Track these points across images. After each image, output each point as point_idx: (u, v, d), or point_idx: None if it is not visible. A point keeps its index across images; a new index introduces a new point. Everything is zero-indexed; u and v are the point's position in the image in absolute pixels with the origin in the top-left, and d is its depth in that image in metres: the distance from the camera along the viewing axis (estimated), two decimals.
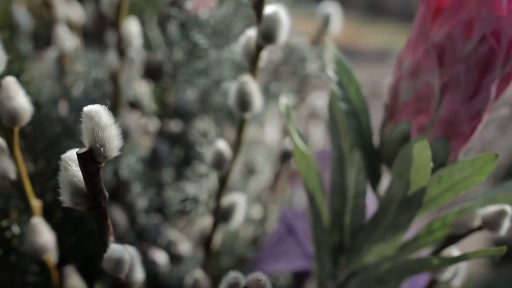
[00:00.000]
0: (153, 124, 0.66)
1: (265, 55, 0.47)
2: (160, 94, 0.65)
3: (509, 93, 0.49)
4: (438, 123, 0.45)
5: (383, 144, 0.48)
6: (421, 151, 0.41)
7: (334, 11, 0.70)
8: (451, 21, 0.44)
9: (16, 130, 0.43)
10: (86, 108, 0.33)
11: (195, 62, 0.59)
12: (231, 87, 0.47)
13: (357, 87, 0.49)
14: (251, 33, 0.47)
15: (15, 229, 0.50)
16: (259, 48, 0.46)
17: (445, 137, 0.45)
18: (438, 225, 0.48)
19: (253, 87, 0.47)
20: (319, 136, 0.86)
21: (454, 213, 0.47)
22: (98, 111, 0.33)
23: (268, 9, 0.44)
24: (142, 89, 0.65)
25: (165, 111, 0.65)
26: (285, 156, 0.74)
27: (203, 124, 0.65)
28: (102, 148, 0.33)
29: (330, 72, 0.48)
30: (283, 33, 0.45)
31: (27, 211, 0.47)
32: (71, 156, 0.34)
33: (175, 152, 0.65)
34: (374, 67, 5.17)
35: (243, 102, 0.47)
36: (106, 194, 0.36)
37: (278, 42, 0.45)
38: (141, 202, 0.60)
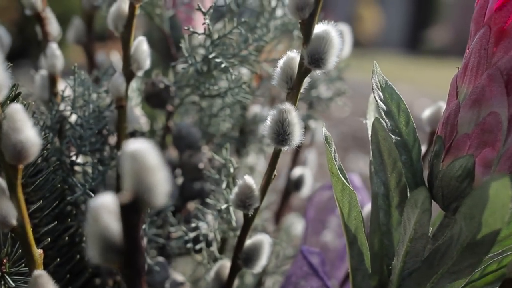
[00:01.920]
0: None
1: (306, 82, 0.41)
2: (165, 120, 0.59)
3: None
4: (506, 157, 0.40)
5: (438, 180, 0.43)
6: (500, 191, 0.36)
7: (345, 31, 0.65)
8: None
9: (21, 167, 0.36)
10: (130, 147, 0.26)
11: (208, 83, 0.53)
12: (267, 115, 0.41)
13: (408, 116, 0.44)
14: (293, 55, 0.41)
15: (8, 282, 0.42)
16: (305, 72, 0.40)
17: None
18: (493, 268, 0.43)
19: (294, 116, 0.41)
20: (314, 163, 0.81)
21: None
22: (144, 151, 0.26)
23: (318, 28, 0.39)
24: (143, 116, 0.59)
25: (169, 138, 0.59)
26: (294, 186, 0.68)
27: (211, 153, 0.59)
28: (148, 195, 0.26)
29: (378, 100, 0.43)
30: (334, 56, 0.39)
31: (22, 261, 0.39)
32: (104, 203, 0.28)
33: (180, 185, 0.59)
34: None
35: (282, 133, 0.41)
36: (144, 250, 0.29)
37: (328, 66, 0.39)
38: (144, 243, 0.54)
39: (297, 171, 0.69)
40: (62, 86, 0.55)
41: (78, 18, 0.66)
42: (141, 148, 0.26)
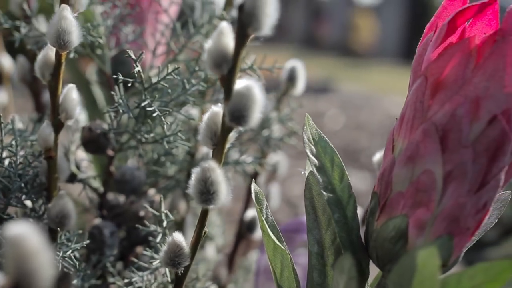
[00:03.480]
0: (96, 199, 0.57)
1: (232, 136, 0.39)
2: (105, 165, 0.56)
3: None
4: (440, 218, 0.38)
5: (373, 241, 0.41)
6: (428, 260, 0.33)
7: (298, 68, 0.63)
8: (455, 98, 0.38)
9: None
10: (11, 231, 0.24)
11: (145, 130, 0.51)
12: (192, 174, 0.39)
13: (342, 171, 0.42)
14: (217, 109, 0.39)
15: None
16: (227, 130, 0.38)
17: (448, 234, 0.38)
18: None
19: (218, 174, 0.39)
20: (278, 198, 0.79)
21: None
22: (26, 235, 0.25)
23: (239, 84, 0.37)
24: (84, 161, 0.56)
25: (110, 184, 0.57)
26: (248, 227, 0.66)
27: (153, 198, 0.56)
28: (29, 281, 0.25)
29: (310, 155, 0.41)
30: (257, 113, 0.37)
31: None
32: None
33: (121, 233, 0.57)
34: (316, 100, 5.18)
35: (206, 192, 0.39)
36: None
37: (250, 123, 0.37)
38: None
39: (249, 213, 0.67)
40: None
41: (22, 56, 0.64)
42: (22, 233, 0.24)
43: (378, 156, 0.54)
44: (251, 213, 0.66)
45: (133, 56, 0.46)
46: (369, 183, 2.32)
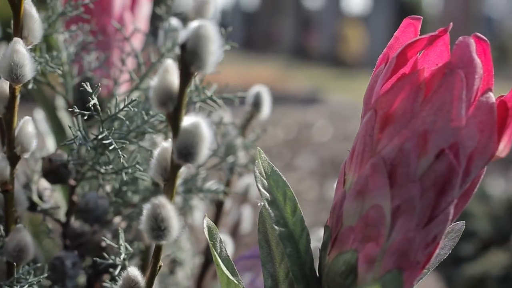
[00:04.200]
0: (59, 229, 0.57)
1: (183, 172, 0.39)
2: (68, 194, 0.56)
3: None
4: (390, 253, 0.38)
5: (325, 275, 0.40)
6: None
7: (263, 93, 0.63)
8: (403, 132, 0.38)
9: None
10: None
11: (103, 161, 0.50)
12: (144, 210, 0.39)
13: (294, 205, 0.42)
14: (166, 145, 0.39)
15: None
16: (176, 166, 0.38)
17: (397, 269, 0.38)
18: None
19: (169, 210, 0.39)
20: (249, 221, 0.79)
21: None
22: None
23: (187, 121, 0.37)
24: (47, 190, 0.56)
25: (73, 212, 0.57)
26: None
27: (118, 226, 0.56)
28: None
29: (262, 189, 0.41)
30: (205, 149, 0.37)
31: None
32: None
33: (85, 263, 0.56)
34: (304, 110, 5.20)
35: (157, 228, 0.39)
36: None
37: (198, 160, 0.37)
38: None
39: None
40: None
41: None
42: None
43: None
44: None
45: (89, 89, 0.45)
46: None
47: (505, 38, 12.86)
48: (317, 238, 0.54)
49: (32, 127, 0.47)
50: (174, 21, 0.60)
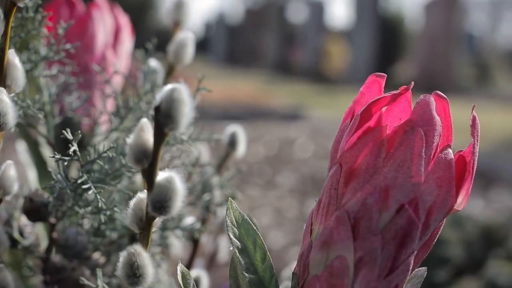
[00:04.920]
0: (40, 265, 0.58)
1: (157, 222, 0.41)
2: (48, 231, 0.58)
3: None
4: None
5: None
6: None
7: (239, 133, 0.65)
8: (366, 186, 0.40)
9: None
10: None
11: (82, 204, 0.52)
12: (120, 257, 0.41)
13: (264, 252, 0.44)
14: (142, 196, 0.41)
15: None
16: (150, 218, 0.40)
17: None
18: None
19: (144, 258, 0.41)
20: (226, 251, 0.81)
21: None
22: None
23: (161, 176, 0.39)
24: (27, 226, 0.58)
25: (53, 249, 0.58)
26: None
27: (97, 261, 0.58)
28: None
29: (233, 237, 0.43)
30: (178, 202, 0.39)
31: None
32: None
33: None
34: (286, 126, 5.23)
35: (133, 275, 0.41)
36: None
37: (172, 213, 0.39)
38: None
39: (193, 272, 0.68)
40: None
41: None
42: None
43: None
44: (194, 272, 0.67)
45: (69, 136, 0.47)
46: None
47: (486, 55, 13.00)
48: (285, 286, 0.56)
49: (13, 171, 0.48)
50: (153, 63, 0.62)
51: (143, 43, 0.65)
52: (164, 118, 0.36)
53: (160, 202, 0.39)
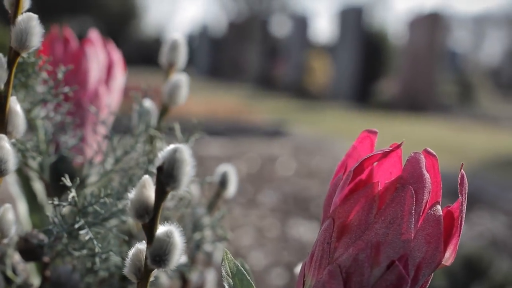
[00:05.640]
0: None
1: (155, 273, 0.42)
2: (41, 269, 0.58)
3: None
4: None
5: None
6: None
7: (230, 172, 0.67)
8: (358, 242, 0.41)
9: None
10: None
11: (78, 246, 0.53)
12: None
13: None
14: (141, 247, 0.42)
15: None
16: (149, 270, 0.41)
17: None
18: None
19: None
20: (214, 285, 0.82)
21: None
22: None
23: (161, 230, 0.40)
24: (20, 264, 0.59)
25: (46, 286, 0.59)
26: None
27: None
28: None
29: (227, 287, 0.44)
30: (177, 256, 0.40)
31: None
32: None
33: None
34: (268, 143, 5.25)
35: None
36: None
37: (171, 266, 0.40)
38: None
39: None
40: None
41: None
42: None
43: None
44: None
45: (68, 183, 0.48)
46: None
47: (469, 73, 13.12)
48: None
49: (12, 214, 0.49)
50: (148, 103, 0.63)
51: (125, 53, 0.66)
52: (166, 178, 0.38)
53: (159, 255, 0.40)
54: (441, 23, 9.65)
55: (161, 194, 0.39)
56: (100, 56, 0.74)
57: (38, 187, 0.73)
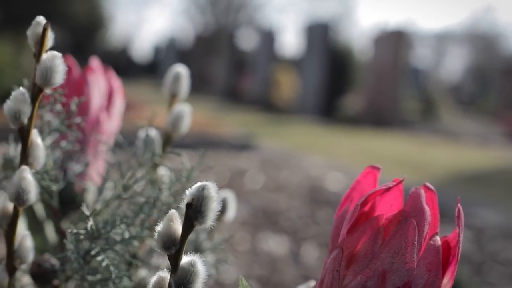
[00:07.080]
0: None
1: None
2: None
3: None
4: None
5: None
6: None
7: (229, 198, 0.70)
8: (366, 270, 0.45)
9: None
10: None
11: (91, 271, 0.56)
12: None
13: None
14: (163, 274, 0.45)
15: None
16: None
17: None
18: None
19: None
20: None
21: None
22: None
23: (185, 260, 0.43)
24: (28, 286, 0.61)
25: None
26: None
27: None
28: None
29: None
30: (199, 284, 0.43)
31: None
32: None
33: None
34: (236, 157, 5.27)
35: None
36: None
37: None
38: None
39: None
40: None
41: None
42: None
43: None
44: None
45: (87, 213, 0.51)
46: (287, 247, 2.38)
47: (431, 90, 13.34)
48: None
49: (30, 242, 0.52)
50: (153, 133, 0.66)
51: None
52: (195, 213, 0.41)
53: (183, 284, 0.43)
54: (405, 40, 9.80)
55: (188, 228, 0.42)
56: (101, 83, 0.77)
57: (38, 207, 0.75)
